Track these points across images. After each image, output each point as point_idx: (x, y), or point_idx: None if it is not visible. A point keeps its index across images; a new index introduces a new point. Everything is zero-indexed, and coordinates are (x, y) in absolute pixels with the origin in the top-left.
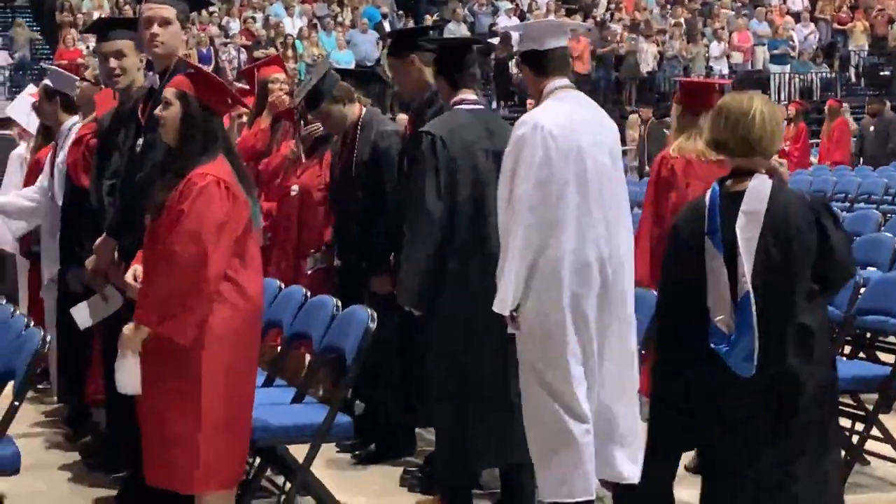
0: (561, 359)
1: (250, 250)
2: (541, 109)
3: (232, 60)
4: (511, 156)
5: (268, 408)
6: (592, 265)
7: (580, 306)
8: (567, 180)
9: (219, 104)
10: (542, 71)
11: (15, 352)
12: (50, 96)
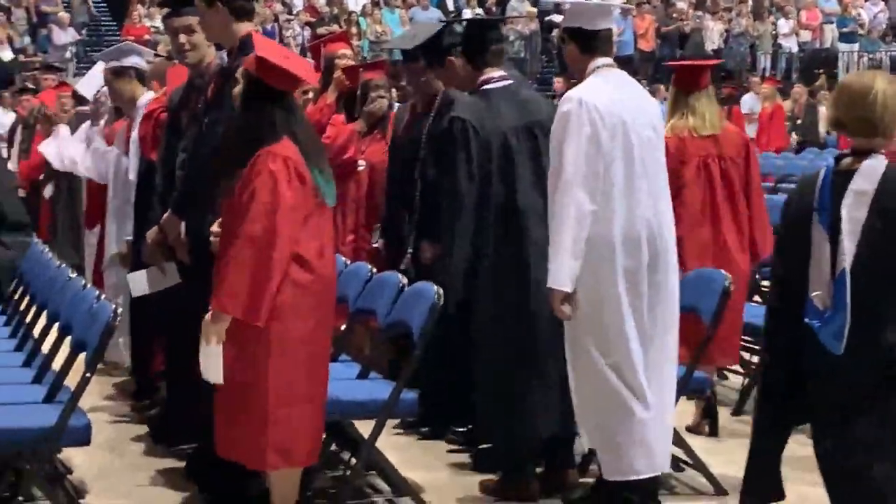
0: (619, 337)
1: (321, 228)
2: (585, 86)
3: (296, 37)
4: (557, 132)
5: (334, 383)
6: (642, 238)
7: (633, 281)
8: (614, 155)
9: (281, 84)
10: (588, 49)
11: (87, 324)
12: (118, 73)
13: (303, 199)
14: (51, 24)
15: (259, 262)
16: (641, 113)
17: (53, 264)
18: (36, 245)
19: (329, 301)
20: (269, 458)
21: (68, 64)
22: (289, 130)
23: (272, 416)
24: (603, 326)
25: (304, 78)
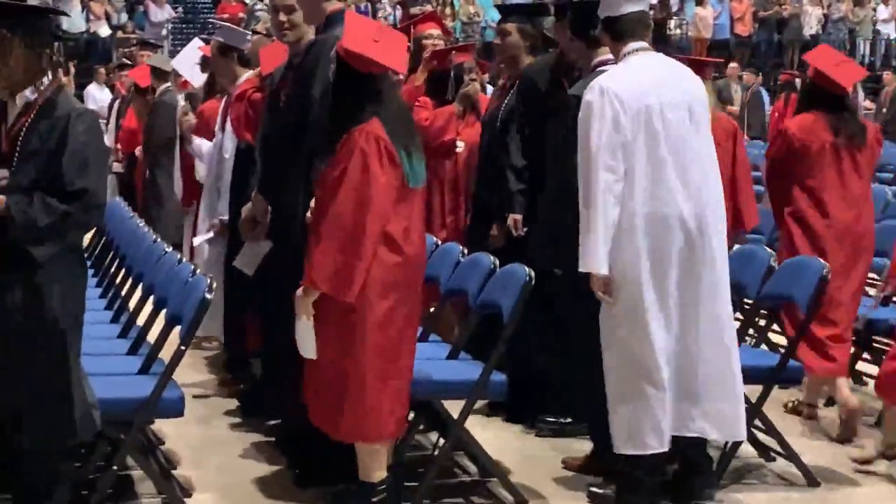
0: (640, 320)
1: (410, 208)
2: (607, 74)
3: (388, 17)
4: (582, 120)
5: (423, 362)
6: (670, 221)
7: (659, 263)
8: (636, 139)
9: (368, 68)
10: (617, 36)
11: (182, 298)
12: (224, 52)
13: (393, 179)
14: (148, 0)
15: (349, 239)
16: (674, 95)
17: (149, 238)
18: (132, 219)
19: (416, 281)
20: (355, 432)
21: (164, 41)
22: (378, 111)
23: (357, 391)
24: (621, 302)
25: (390, 65)
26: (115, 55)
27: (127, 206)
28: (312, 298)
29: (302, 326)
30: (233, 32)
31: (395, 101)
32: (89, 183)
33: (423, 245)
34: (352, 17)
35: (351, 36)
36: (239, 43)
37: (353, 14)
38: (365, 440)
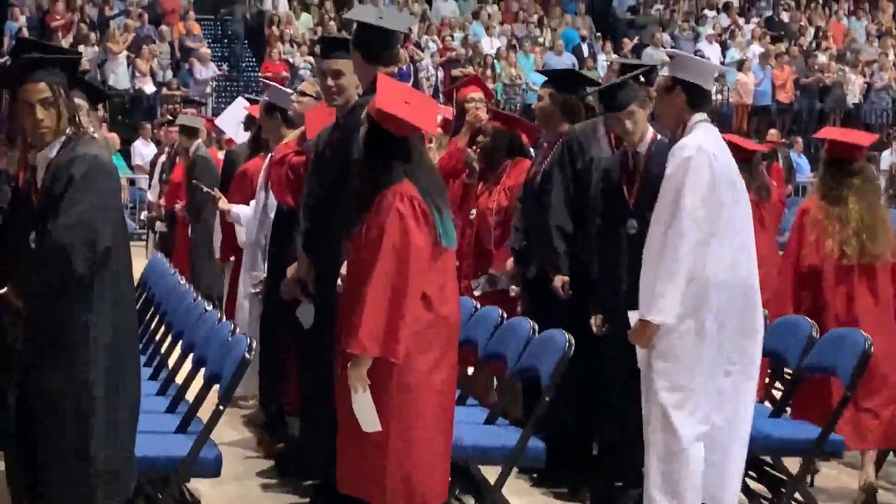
0: (691, 375)
1: (444, 267)
2: (701, 136)
3: (430, 78)
4: (676, 177)
5: (461, 426)
6: (735, 286)
7: (721, 326)
8: (724, 202)
9: (400, 130)
10: (697, 105)
11: (222, 357)
12: (270, 111)
13: (428, 238)
14: (193, 58)
15: (394, 301)
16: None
17: (190, 295)
18: (173, 276)
19: (452, 340)
20: (392, 496)
21: (208, 98)
22: (409, 172)
23: (394, 453)
24: (679, 361)
25: (422, 127)
26: (159, 112)
27: (168, 263)
28: (365, 368)
29: (360, 399)
30: (280, 93)
31: (424, 161)
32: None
33: (457, 305)
34: (384, 80)
35: (383, 97)
36: (285, 103)
37: (385, 77)
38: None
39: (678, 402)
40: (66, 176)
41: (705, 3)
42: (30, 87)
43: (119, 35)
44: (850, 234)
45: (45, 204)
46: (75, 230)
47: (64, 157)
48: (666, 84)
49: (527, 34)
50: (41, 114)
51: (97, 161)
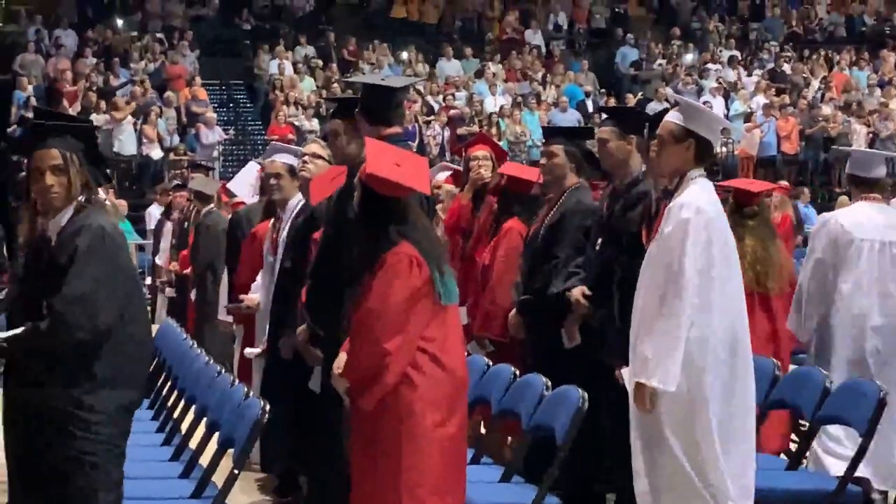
0: (706, 438)
1: (445, 323)
2: (696, 194)
3: (436, 136)
4: (675, 236)
5: (476, 486)
6: (733, 341)
7: (721, 380)
8: (720, 262)
9: (393, 192)
10: (702, 159)
11: (235, 420)
12: (292, 173)
13: (423, 294)
14: (199, 123)
15: (372, 353)
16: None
17: (202, 359)
18: (184, 340)
19: (460, 396)
20: None
21: (215, 162)
22: (406, 234)
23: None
24: (692, 427)
25: (414, 187)
26: (167, 177)
27: (178, 327)
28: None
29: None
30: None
31: (420, 221)
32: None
33: (463, 360)
34: (372, 144)
35: (373, 161)
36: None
37: (373, 141)
38: None
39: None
40: (72, 247)
41: (708, 56)
42: (41, 153)
43: (124, 102)
44: (746, 267)
45: (51, 272)
46: (76, 305)
47: (72, 226)
48: (679, 133)
49: (530, 91)
50: (51, 180)
51: (103, 232)
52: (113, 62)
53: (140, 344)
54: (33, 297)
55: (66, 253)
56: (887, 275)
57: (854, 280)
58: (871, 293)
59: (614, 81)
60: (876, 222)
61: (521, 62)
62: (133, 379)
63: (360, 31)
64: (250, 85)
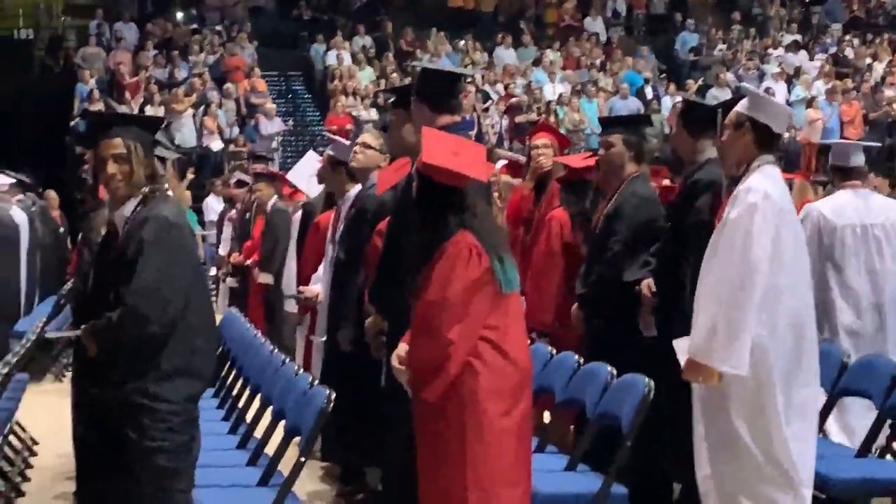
0: (775, 421)
1: (507, 311)
2: (764, 180)
3: (494, 125)
4: (743, 220)
5: (541, 474)
6: (801, 330)
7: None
8: (788, 249)
9: (450, 181)
10: (765, 146)
11: (301, 409)
12: (334, 166)
13: (483, 283)
14: (258, 114)
15: (433, 345)
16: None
17: (266, 349)
18: (248, 330)
19: (524, 385)
20: None
21: (274, 153)
22: (465, 222)
23: (472, 502)
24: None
25: (471, 175)
26: (226, 168)
27: (243, 318)
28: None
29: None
30: (343, 147)
31: (480, 209)
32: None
33: (527, 349)
34: (429, 133)
35: (430, 150)
36: (346, 157)
37: (430, 129)
38: None
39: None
40: (138, 238)
41: (770, 41)
42: (105, 142)
43: (184, 95)
44: None
45: (120, 264)
46: (146, 297)
47: (138, 216)
48: (737, 120)
49: (588, 79)
50: (112, 168)
51: (168, 222)
52: (173, 55)
53: (206, 332)
54: (102, 288)
55: (132, 244)
56: (872, 254)
57: (843, 263)
58: (860, 272)
59: (674, 68)
60: (856, 206)
61: (579, 49)
62: (200, 368)
63: (417, 20)
64: (308, 76)
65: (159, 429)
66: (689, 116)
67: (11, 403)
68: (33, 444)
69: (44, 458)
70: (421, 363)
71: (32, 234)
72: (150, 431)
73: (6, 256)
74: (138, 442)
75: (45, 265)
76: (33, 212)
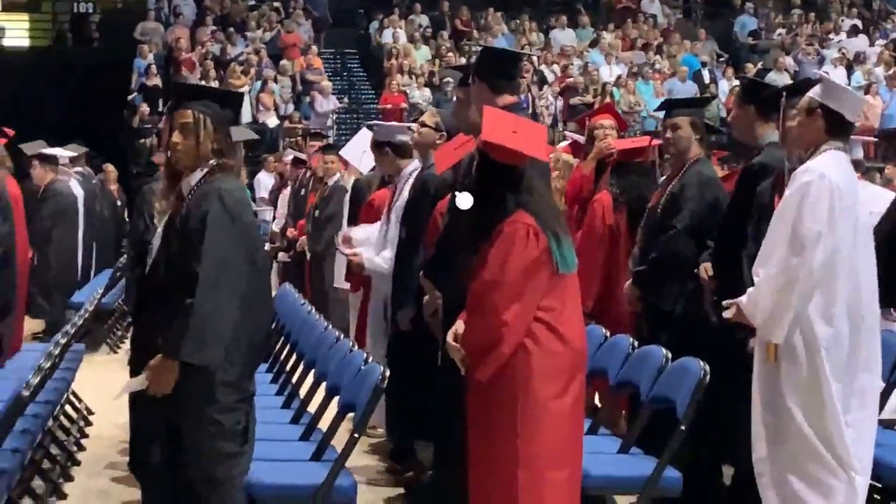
0: (830, 406)
1: (564, 293)
2: (823, 162)
3: (549, 107)
4: (794, 199)
5: (594, 456)
6: (858, 314)
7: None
8: (844, 231)
9: (510, 159)
10: (836, 133)
11: (355, 385)
12: (380, 147)
13: (540, 263)
14: (314, 91)
15: (488, 323)
16: (858, 195)
17: (321, 325)
18: (303, 306)
19: (578, 367)
20: None
21: (329, 130)
22: (522, 202)
23: (522, 482)
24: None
25: (531, 154)
26: (281, 144)
27: (297, 293)
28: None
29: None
30: (384, 128)
31: (539, 189)
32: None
33: (582, 330)
34: (490, 112)
35: (489, 128)
36: (390, 137)
37: (491, 108)
38: None
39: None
40: (200, 212)
41: (830, 26)
42: (177, 112)
43: (241, 71)
44: None
45: (182, 234)
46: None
47: (201, 188)
48: (808, 106)
49: (645, 61)
50: (177, 138)
51: (229, 196)
52: (230, 31)
53: (261, 309)
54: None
55: (195, 216)
56: None
57: None
58: None
59: (732, 51)
60: None
61: (636, 31)
62: (256, 344)
63: (473, 0)
64: (364, 54)
65: (214, 405)
66: (754, 96)
67: (68, 374)
68: (88, 414)
69: (99, 427)
70: (475, 343)
71: (89, 206)
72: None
73: (65, 229)
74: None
75: (102, 238)
76: (92, 185)
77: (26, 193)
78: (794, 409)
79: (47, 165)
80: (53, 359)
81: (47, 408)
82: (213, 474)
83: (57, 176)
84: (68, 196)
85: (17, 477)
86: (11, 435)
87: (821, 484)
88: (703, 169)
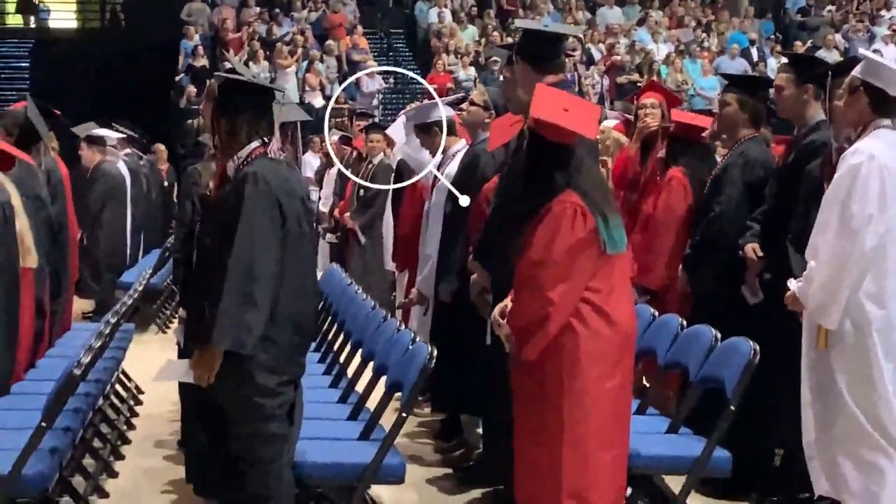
0: (881, 388)
1: (611, 273)
2: (873, 142)
3: (595, 85)
4: (844, 182)
5: (642, 436)
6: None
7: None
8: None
9: (561, 137)
10: (881, 110)
11: (403, 365)
12: (422, 130)
13: (588, 243)
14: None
15: (534, 304)
16: None
17: (368, 305)
18: (350, 286)
19: (626, 347)
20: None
21: (375, 111)
22: (571, 181)
23: (568, 462)
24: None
25: (580, 132)
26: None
27: (344, 273)
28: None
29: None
30: (417, 113)
31: (588, 168)
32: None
33: (631, 311)
34: (541, 89)
35: (540, 105)
36: (423, 119)
37: (542, 86)
38: None
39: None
40: (238, 193)
41: (882, 2)
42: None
43: (287, 52)
44: None
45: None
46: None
47: (241, 171)
48: (851, 84)
49: (693, 39)
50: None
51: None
52: (275, 11)
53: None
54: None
55: (234, 196)
56: None
57: None
58: None
59: (782, 28)
60: None
61: (683, 9)
62: (301, 327)
63: None
64: (410, 33)
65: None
66: (808, 72)
67: (118, 353)
68: (138, 392)
69: (149, 406)
70: (521, 321)
71: (137, 187)
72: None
73: (114, 210)
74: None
75: (150, 218)
76: (141, 165)
77: (75, 175)
78: (844, 391)
79: (95, 147)
80: (104, 338)
81: (98, 386)
82: (256, 455)
83: (105, 157)
84: (116, 177)
85: (68, 455)
86: (63, 413)
87: (871, 465)
88: (749, 149)
